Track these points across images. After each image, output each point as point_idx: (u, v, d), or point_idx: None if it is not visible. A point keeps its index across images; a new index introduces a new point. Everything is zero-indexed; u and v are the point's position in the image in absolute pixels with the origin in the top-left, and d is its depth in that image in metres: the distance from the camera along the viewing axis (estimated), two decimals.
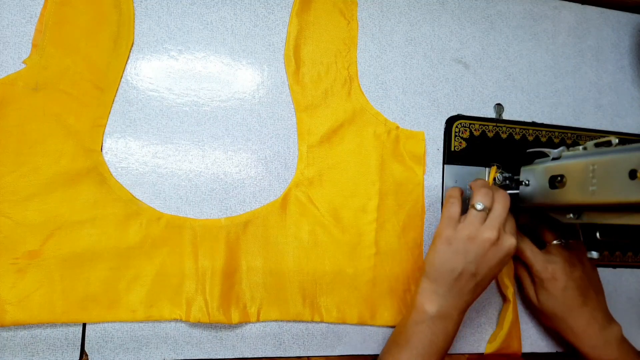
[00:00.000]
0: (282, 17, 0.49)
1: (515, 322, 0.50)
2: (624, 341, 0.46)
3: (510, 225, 0.43)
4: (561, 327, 0.47)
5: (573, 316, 0.46)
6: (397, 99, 0.51)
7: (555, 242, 0.47)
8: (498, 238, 0.41)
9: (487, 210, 0.42)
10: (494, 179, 0.50)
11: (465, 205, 0.45)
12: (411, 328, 0.42)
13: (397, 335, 0.44)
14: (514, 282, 0.50)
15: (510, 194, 0.48)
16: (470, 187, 0.46)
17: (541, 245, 0.48)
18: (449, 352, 0.47)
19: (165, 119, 0.46)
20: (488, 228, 0.41)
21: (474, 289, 0.42)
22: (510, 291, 0.49)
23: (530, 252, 0.47)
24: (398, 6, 0.53)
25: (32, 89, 0.43)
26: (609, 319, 0.47)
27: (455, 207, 0.44)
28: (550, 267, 0.46)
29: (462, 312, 0.42)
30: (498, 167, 0.50)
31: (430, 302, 0.42)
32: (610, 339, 0.45)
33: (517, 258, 0.49)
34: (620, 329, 0.46)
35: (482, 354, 0.50)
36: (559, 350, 0.52)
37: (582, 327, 0.46)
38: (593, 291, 0.47)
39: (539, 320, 0.51)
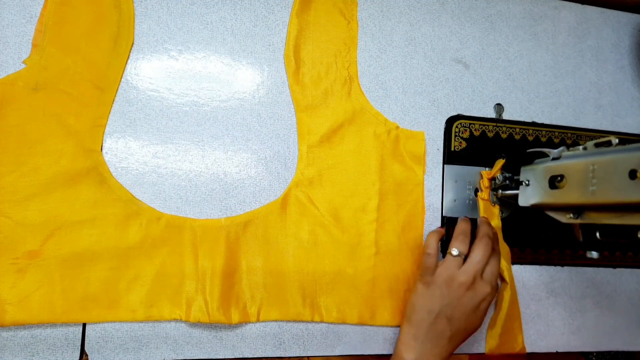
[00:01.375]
0: (282, 17, 0.49)
1: (517, 320, 0.50)
2: None
3: (490, 272, 0.44)
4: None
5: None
6: (397, 99, 0.51)
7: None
8: (472, 283, 0.42)
9: (463, 255, 0.44)
10: (494, 179, 0.50)
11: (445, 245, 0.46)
12: None
13: None
14: (513, 278, 0.50)
15: (510, 194, 0.49)
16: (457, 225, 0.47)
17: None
18: None
19: (165, 119, 0.46)
20: (463, 273, 0.43)
21: (450, 337, 0.42)
22: (507, 290, 0.49)
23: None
24: (398, 6, 0.53)
25: (32, 89, 0.43)
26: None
27: (431, 260, 0.45)
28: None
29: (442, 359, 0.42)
30: (505, 159, 0.50)
31: (408, 349, 0.42)
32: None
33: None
34: None
35: (483, 354, 0.50)
36: (559, 350, 0.52)
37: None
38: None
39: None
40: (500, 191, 0.50)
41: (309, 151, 0.48)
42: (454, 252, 0.44)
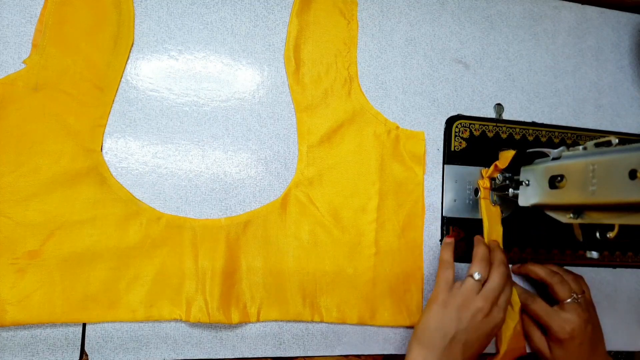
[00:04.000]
0: (282, 17, 0.49)
1: (519, 337, 0.49)
2: None
3: (504, 299, 0.44)
4: None
5: None
6: (397, 99, 0.51)
7: (569, 300, 0.47)
8: (490, 310, 0.42)
9: (483, 281, 0.43)
10: (495, 179, 0.50)
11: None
12: None
13: None
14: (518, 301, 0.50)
15: (510, 194, 0.48)
16: (474, 246, 0.47)
17: (552, 301, 0.48)
18: None
19: (165, 119, 0.46)
20: (482, 299, 0.42)
21: (463, 359, 0.42)
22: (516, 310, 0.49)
23: (545, 312, 0.47)
24: (398, 6, 0.53)
25: (32, 89, 0.43)
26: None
27: (449, 272, 0.44)
28: (569, 327, 0.46)
29: None
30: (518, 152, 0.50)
31: None
32: None
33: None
34: None
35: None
36: None
37: None
38: (600, 339, 0.48)
39: None
40: (497, 191, 0.50)
41: (309, 151, 0.48)
42: (477, 276, 0.43)
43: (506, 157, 0.49)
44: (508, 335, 0.48)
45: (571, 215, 0.41)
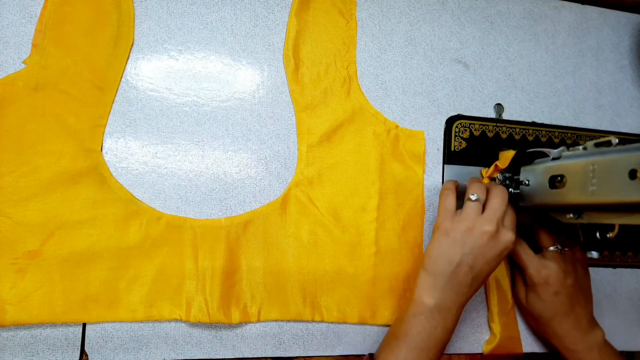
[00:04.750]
0: (281, 17, 0.49)
1: (514, 326, 0.50)
2: (606, 346, 0.46)
3: (510, 219, 0.43)
4: (545, 330, 0.48)
5: (558, 321, 0.46)
6: (397, 99, 0.51)
7: (552, 248, 0.47)
8: (496, 231, 0.41)
9: (482, 201, 0.43)
10: (495, 179, 0.50)
11: (461, 201, 0.45)
12: (409, 321, 0.42)
13: (395, 328, 0.44)
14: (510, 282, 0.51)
15: (510, 194, 0.48)
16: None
17: (538, 249, 0.48)
18: (449, 352, 0.47)
19: (165, 119, 0.46)
20: (486, 221, 0.41)
21: (471, 283, 0.42)
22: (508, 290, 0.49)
23: (525, 255, 0.47)
24: (398, 6, 0.53)
25: (32, 89, 0.43)
26: (592, 325, 0.47)
27: (450, 199, 0.44)
28: (544, 272, 0.46)
29: (461, 306, 0.42)
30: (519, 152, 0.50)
31: (428, 295, 0.42)
32: (592, 344, 0.46)
33: (511, 259, 0.49)
34: (604, 334, 0.47)
35: (482, 354, 0.50)
36: None
37: (566, 332, 0.46)
38: (582, 298, 0.47)
39: (525, 320, 0.51)
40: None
41: (308, 151, 0.48)
42: (473, 196, 0.42)
43: (506, 157, 0.49)
44: (494, 294, 0.49)
45: (571, 215, 0.41)
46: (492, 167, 0.50)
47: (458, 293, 0.42)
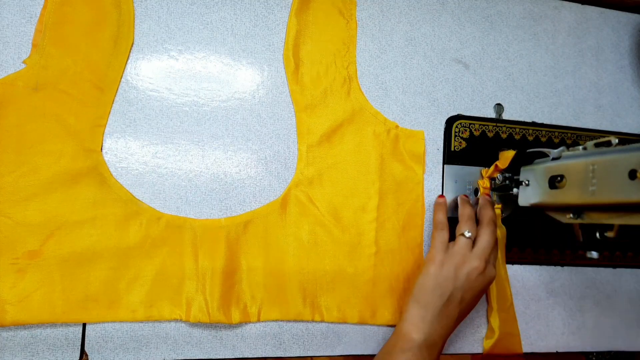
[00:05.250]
0: (281, 17, 0.49)
1: (513, 323, 0.50)
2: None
3: (494, 256, 0.45)
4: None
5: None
6: (397, 99, 0.51)
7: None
8: (485, 268, 0.43)
9: (473, 238, 0.45)
10: (495, 179, 0.50)
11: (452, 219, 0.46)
12: (397, 357, 0.41)
13: None
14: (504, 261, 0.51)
15: (510, 194, 0.49)
16: (459, 204, 0.49)
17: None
18: (450, 352, 0.47)
19: (165, 119, 0.46)
20: (477, 257, 0.43)
21: (458, 316, 0.43)
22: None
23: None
24: (398, 6, 0.53)
25: (32, 89, 0.43)
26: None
27: (444, 233, 0.46)
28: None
29: (445, 339, 0.43)
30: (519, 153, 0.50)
31: (417, 330, 0.42)
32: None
33: None
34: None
35: (481, 354, 0.50)
36: (559, 350, 0.52)
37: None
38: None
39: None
40: (497, 190, 0.50)
41: (308, 151, 0.48)
42: (467, 234, 0.45)
43: (506, 157, 0.49)
44: (494, 294, 0.50)
45: (571, 215, 0.41)
46: (492, 167, 0.50)
47: (445, 327, 0.42)
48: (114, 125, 0.45)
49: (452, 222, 0.48)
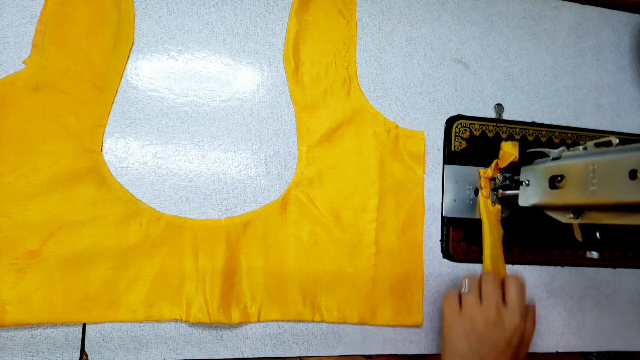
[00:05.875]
0: (281, 17, 0.49)
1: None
2: None
3: (513, 300, 0.42)
4: None
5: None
6: (397, 99, 0.51)
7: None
8: (498, 317, 0.41)
9: (476, 291, 0.43)
10: (495, 179, 0.50)
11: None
12: None
13: None
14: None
15: (510, 194, 0.49)
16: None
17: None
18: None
19: (165, 119, 0.46)
20: (482, 309, 0.42)
21: None
22: None
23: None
24: (398, 6, 0.53)
25: (32, 89, 0.43)
26: None
27: (453, 298, 0.44)
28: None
29: None
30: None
31: None
32: None
33: None
34: None
35: None
36: (559, 350, 0.52)
37: None
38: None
39: None
40: (500, 191, 0.50)
41: (308, 151, 0.48)
42: (464, 289, 0.44)
43: (507, 150, 0.49)
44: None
45: (571, 215, 0.41)
46: (493, 164, 0.50)
47: None
48: (114, 125, 0.45)
49: (463, 221, 0.47)
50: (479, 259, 0.51)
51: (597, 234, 0.41)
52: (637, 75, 0.59)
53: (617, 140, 0.38)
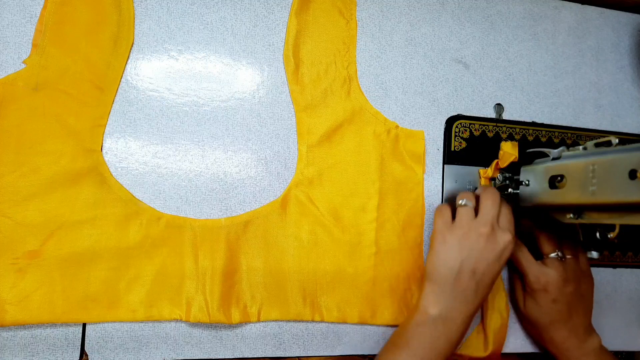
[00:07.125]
0: (281, 17, 0.49)
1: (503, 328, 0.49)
2: (602, 352, 0.47)
3: (505, 219, 0.43)
4: (542, 337, 0.48)
5: (555, 328, 0.46)
6: (397, 99, 0.51)
7: (552, 255, 0.47)
8: (492, 233, 0.41)
9: (472, 206, 0.43)
10: (495, 179, 0.50)
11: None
12: (412, 330, 0.42)
13: (396, 336, 0.44)
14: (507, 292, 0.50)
15: (510, 194, 0.49)
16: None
17: (539, 255, 0.48)
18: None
19: (165, 119, 0.46)
20: (480, 223, 0.42)
21: (476, 289, 0.42)
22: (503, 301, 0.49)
23: (525, 260, 0.47)
24: (398, 6, 0.53)
25: (32, 89, 0.43)
26: (589, 332, 0.47)
27: (446, 210, 0.45)
28: (543, 279, 0.46)
29: (468, 316, 0.42)
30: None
31: (433, 305, 0.42)
32: (588, 351, 0.46)
33: (511, 264, 0.49)
34: (600, 340, 0.47)
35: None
36: None
37: (562, 339, 0.46)
38: (581, 307, 0.47)
39: (522, 325, 0.51)
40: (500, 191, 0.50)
41: (308, 151, 0.48)
42: (462, 202, 0.44)
43: (506, 150, 0.49)
44: (500, 306, 0.48)
45: (571, 215, 0.41)
46: (492, 165, 0.50)
47: (463, 302, 0.41)
48: (114, 125, 0.45)
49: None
50: None
51: (597, 234, 0.41)
52: (637, 75, 0.59)
53: (617, 140, 0.38)
